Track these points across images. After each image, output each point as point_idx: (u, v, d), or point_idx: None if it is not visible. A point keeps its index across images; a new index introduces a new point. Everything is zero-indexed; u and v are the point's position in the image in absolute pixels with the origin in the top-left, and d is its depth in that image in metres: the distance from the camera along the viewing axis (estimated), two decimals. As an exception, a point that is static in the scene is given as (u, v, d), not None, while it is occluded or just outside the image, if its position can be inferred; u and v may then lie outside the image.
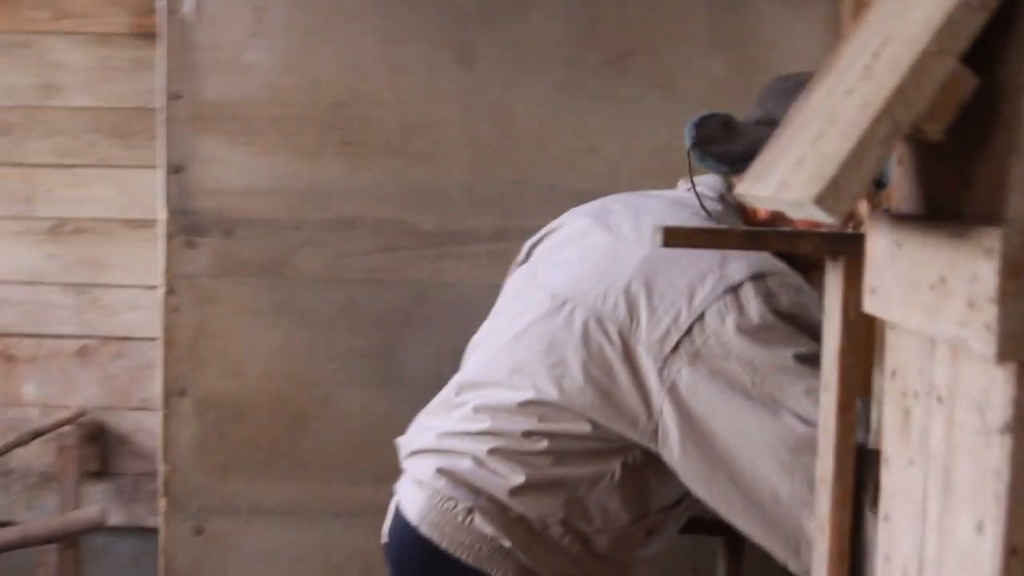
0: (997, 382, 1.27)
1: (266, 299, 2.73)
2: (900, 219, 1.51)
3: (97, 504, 4.06)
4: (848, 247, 1.71)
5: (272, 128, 2.70)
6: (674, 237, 1.70)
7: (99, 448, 4.48)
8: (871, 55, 1.39)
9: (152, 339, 4.40)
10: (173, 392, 2.72)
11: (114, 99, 4.35)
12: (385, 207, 2.73)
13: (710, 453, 1.90)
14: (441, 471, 2.05)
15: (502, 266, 2.65)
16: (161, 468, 2.74)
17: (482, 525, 2.02)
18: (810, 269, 2.05)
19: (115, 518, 4.40)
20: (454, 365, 2.70)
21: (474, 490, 2.02)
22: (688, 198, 2.08)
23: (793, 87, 1.97)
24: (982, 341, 1.25)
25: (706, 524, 2.62)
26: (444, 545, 2.04)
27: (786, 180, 1.41)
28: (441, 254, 2.72)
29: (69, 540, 3.96)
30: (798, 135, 1.50)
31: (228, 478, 2.76)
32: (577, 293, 1.99)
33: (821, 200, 1.26)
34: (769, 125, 1.91)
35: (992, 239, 1.22)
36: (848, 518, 1.78)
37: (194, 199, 2.68)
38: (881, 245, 1.54)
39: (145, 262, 4.36)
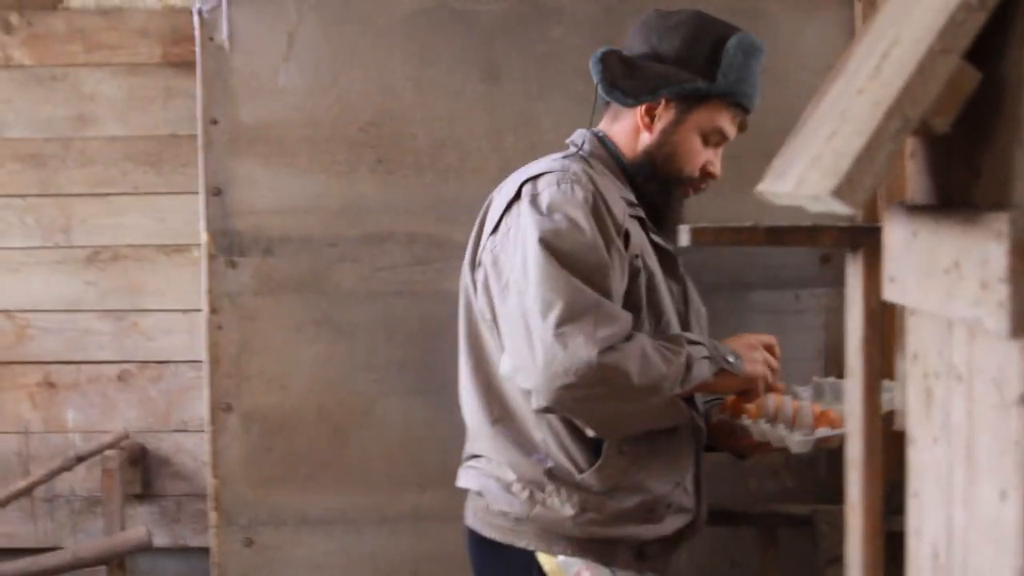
0: (1012, 357, 1.35)
1: (306, 314, 2.82)
2: (914, 210, 1.59)
3: (142, 525, 4.17)
4: (866, 239, 1.79)
5: (306, 148, 2.80)
6: (700, 235, 1.79)
7: (141, 471, 4.57)
8: (879, 57, 1.48)
9: (189, 362, 4.52)
10: (219, 408, 2.81)
11: (146, 128, 4.46)
12: (417, 221, 2.82)
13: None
14: (467, 468, 2.37)
15: (532, 275, 2.73)
16: (210, 483, 2.83)
17: (494, 503, 2.28)
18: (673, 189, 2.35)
19: (159, 539, 4.49)
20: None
21: (483, 475, 2.30)
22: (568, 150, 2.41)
23: (675, 24, 2.29)
24: (995, 319, 1.33)
25: (740, 516, 2.71)
26: (479, 529, 2.33)
27: (804, 177, 1.49)
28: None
29: (117, 561, 4.07)
30: (813, 135, 1.58)
31: (275, 490, 2.84)
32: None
33: (839, 192, 1.34)
34: (657, 60, 2.25)
35: (1001, 223, 1.30)
36: (879, 498, 1.86)
37: (234, 220, 2.78)
38: (898, 235, 1.62)
39: (181, 286, 4.48)
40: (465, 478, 2.36)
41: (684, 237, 1.85)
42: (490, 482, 2.28)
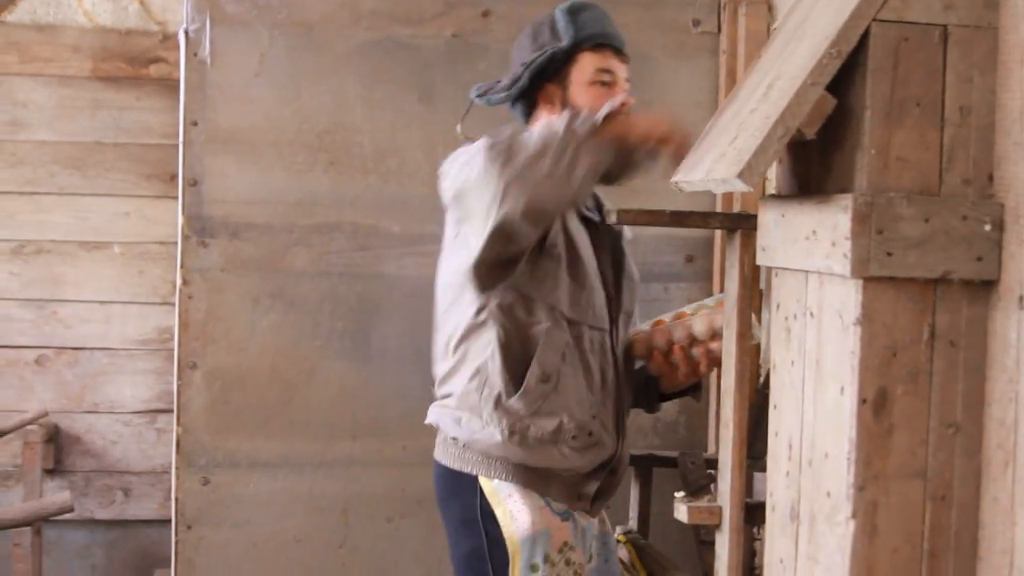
0: (851, 293, 2.00)
1: (264, 289, 3.33)
2: (781, 198, 2.24)
3: (64, 491, 4.59)
4: (743, 223, 2.44)
5: (271, 150, 3.32)
6: (623, 215, 2.41)
7: (54, 448, 4.98)
8: (766, 87, 2.13)
9: (104, 348, 4.96)
10: (186, 366, 3.30)
11: (73, 134, 4.91)
12: (361, 214, 3.37)
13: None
14: (433, 407, 2.79)
15: (455, 262, 3.31)
16: (175, 429, 3.31)
17: (447, 431, 2.70)
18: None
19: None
20: (415, 343, 3.37)
21: (441, 408, 2.74)
22: None
23: (519, 37, 2.83)
24: (841, 265, 1.98)
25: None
26: (438, 458, 2.76)
27: (712, 167, 2.13)
28: (405, 252, 3.38)
29: (40, 523, 4.48)
30: (716, 141, 2.22)
31: (230, 437, 3.33)
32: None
33: (741, 176, 1.99)
34: (521, 64, 2.75)
35: (847, 200, 1.96)
36: (745, 416, 2.49)
37: (207, 207, 3.29)
38: (769, 217, 2.26)
39: (99, 280, 4.94)
40: (430, 415, 2.75)
41: (612, 217, 2.47)
42: (445, 414, 2.70)
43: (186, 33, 3.26)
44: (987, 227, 1.91)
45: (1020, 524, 1.85)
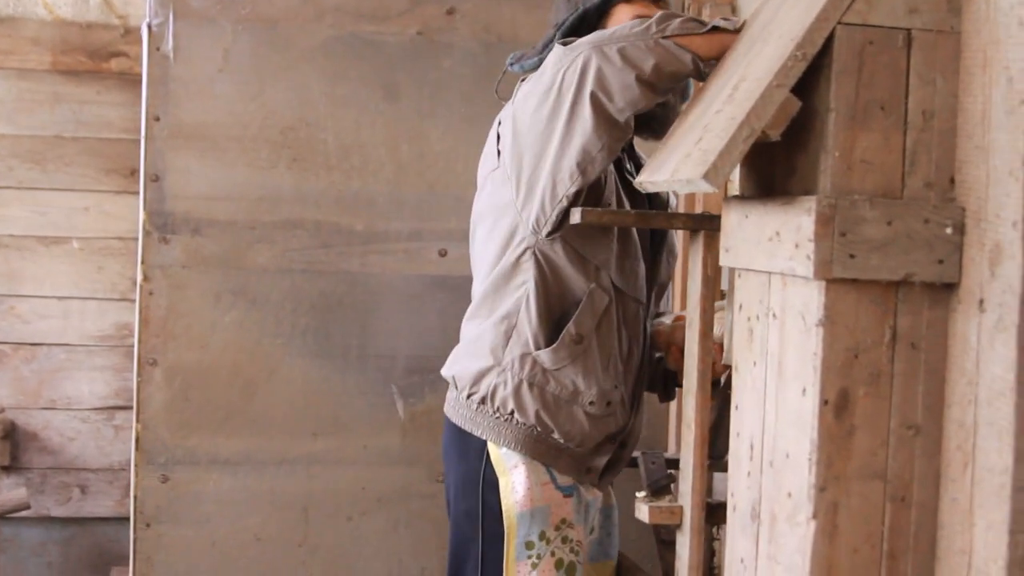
0: (813, 294, 2.01)
1: (226, 286, 3.31)
2: (745, 199, 2.25)
3: (21, 488, 4.56)
4: (707, 224, 2.45)
5: (234, 146, 3.30)
6: (588, 215, 2.42)
7: (10, 444, 4.93)
8: (731, 88, 2.14)
9: (62, 344, 4.92)
10: (146, 362, 3.28)
11: (33, 128, 4.86)
12: (324, 211, 3.36)
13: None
14: (449, 361, 2.75)
15: (418, 260, 3.34)
16: (135, 426, 3.29)
17: (461, 382, 2.66)
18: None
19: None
20: (377, 341, 3.37)
21: (457, 362, 2.69)
22: None
23: (557, 2, 2.75)
24: (804, 267, 1.99)
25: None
26: (449, 414, 2.71)
27: (677, 168, 2.14)
28: (368, 250, 3.37)
29: (-2, 520, 4.45)
30: (682, 141, 2.23)
31: (191, 435, 3.32)
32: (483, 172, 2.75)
33: (706, 176, 1.99)
34: (548, 41, 2.67)
35: (811, 202, 1.97)
36: (707, 413, 2.50)
37: (168, 203, 3.27)
38: (733, 217, 2.27)
39: (57, 275, 4.90)
40: (447, 369, 2.72)
41: (575, 216, 2.47)
42: (460, 365, 2.66)
43: (149, 27, 3.24)
44: (948, 230, 1.93)
45: (978, 525, 1.87)
